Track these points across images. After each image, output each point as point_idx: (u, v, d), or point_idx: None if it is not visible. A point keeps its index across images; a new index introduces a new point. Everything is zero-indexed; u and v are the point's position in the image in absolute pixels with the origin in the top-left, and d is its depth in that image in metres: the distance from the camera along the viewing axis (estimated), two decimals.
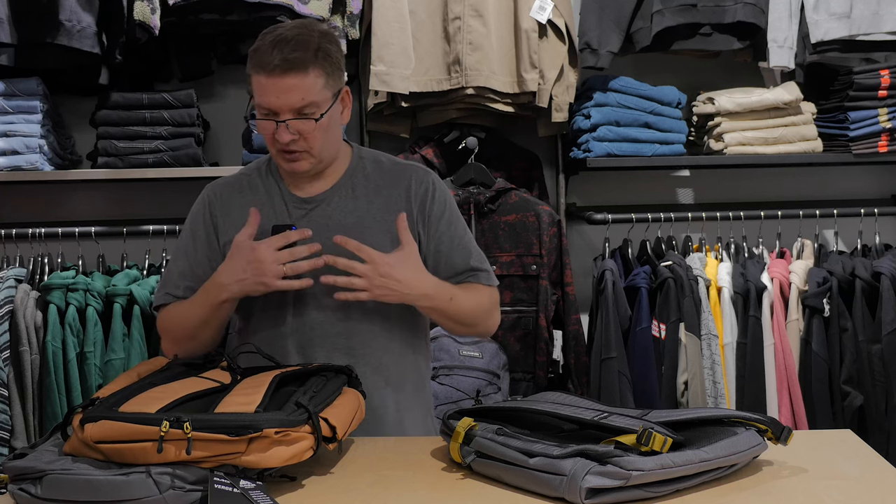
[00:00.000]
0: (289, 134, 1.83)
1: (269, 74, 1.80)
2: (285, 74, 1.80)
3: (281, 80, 1.80)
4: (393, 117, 3.18)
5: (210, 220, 1.99)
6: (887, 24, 3.06)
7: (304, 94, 1.81)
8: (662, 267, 2.94)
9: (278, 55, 1.79)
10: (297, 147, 1.86)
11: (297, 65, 1.80)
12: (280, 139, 1.83)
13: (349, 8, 3.00)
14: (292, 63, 1.79)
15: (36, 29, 2.72)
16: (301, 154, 1.87)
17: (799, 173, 3.43)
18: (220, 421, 1.44)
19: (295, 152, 1.87)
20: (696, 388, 2.87)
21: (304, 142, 1.85)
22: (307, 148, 1.87)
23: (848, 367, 2.91)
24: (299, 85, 1.81)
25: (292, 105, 1.82)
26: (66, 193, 3.21)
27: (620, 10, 3.06)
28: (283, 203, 1.97)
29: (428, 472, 1.61)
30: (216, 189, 2.03)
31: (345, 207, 1.96)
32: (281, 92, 1.81)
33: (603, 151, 3.04)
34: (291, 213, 1.95)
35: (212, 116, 3.20)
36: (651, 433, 1.42)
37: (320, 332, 1.93)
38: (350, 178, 1.98)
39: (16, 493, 1.44)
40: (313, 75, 1.82)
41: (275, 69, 1.79)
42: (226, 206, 1.99)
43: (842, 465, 1.63)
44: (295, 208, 1.96)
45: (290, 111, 1.82)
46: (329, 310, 1.93)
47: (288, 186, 1.98)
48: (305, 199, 1.96)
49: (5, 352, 2.67)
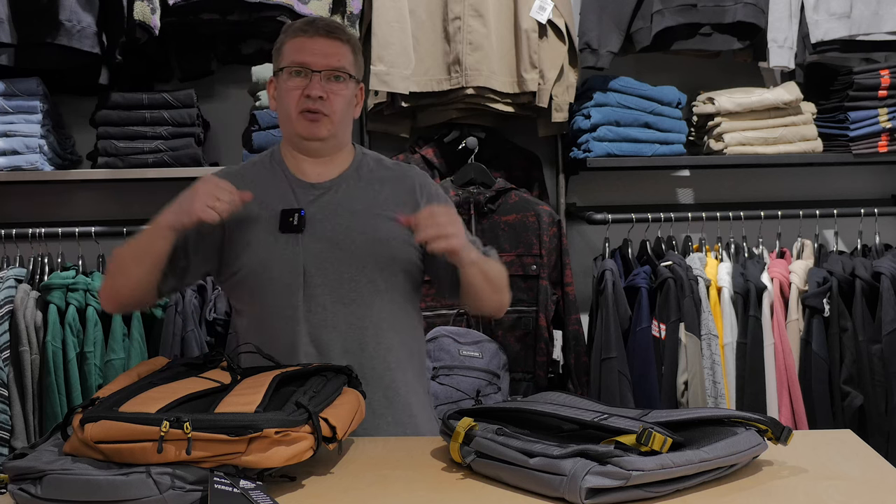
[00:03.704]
0: (321, 88, 1.92)
1: (311, 35, 1.96)
2: (326, 36, 1.96)
3: (322, 41, 1.95)
4: (393, 117, 3.18)
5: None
6: (887, 24, 3.06)
7: (340, 58, 1.96)
8: (662, 267, 2.94)
9: (321, 24, 1.95)
10: (322, 108, 1.94)
11: (338, 32, 1.98)
12: (312, 92, 1.92)
13: (349, 8, 3.01)
14: (333, 30, 1.97)
15: (36, 29, 2.72)
16: (321, 116, 1.95)
17: (799, 173, 3.43)
18: (220, 421, 1.44)
19: (318, 112, 1.94)
20: (696, 388, 2.87)
21: (329, 104, 1.94)
22: (330, 112, 1.95)
23: (848, 367, 2.91)
24: (338, 48, 1.96)
25: (329, 64, 1.95)
26: (66, 193, 3.21)
27: (620, 10, 3.06)
28: (289, 188, 2.00)
29: (428, 472, 1.61)
30: (221, 176, 2.01)
31: (353, 194, 2.00)
32: (322, 51, 1.94)
33: (603, 151, 3.04)
34: (299, 197, 1.99)
35: (212, 116, 3.20)
36: (651, 433, 1.42)
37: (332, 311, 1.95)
38: (356, 170, 2.04)
39: (16, 493, 1.44)
40: (348, 47, 1.98)
41: (317, 31, 1.95)
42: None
43: (842, 465, 1.63)
44: (303, 193, 1.99)
45: (324, 68, 1.94)
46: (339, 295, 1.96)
47: (294, 173, 2.02)
48: (314, 184, 2.01)
49: (5, 352, 2.67)
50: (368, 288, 1.97)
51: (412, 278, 2.05)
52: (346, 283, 1.96)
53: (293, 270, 1.95)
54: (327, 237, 1.96)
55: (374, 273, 1.97)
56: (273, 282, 1.95)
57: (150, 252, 1.90)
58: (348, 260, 1.96)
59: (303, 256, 1.95)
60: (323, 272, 1.95)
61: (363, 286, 1.96)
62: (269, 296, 1.96)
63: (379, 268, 1.97)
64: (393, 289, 1.99)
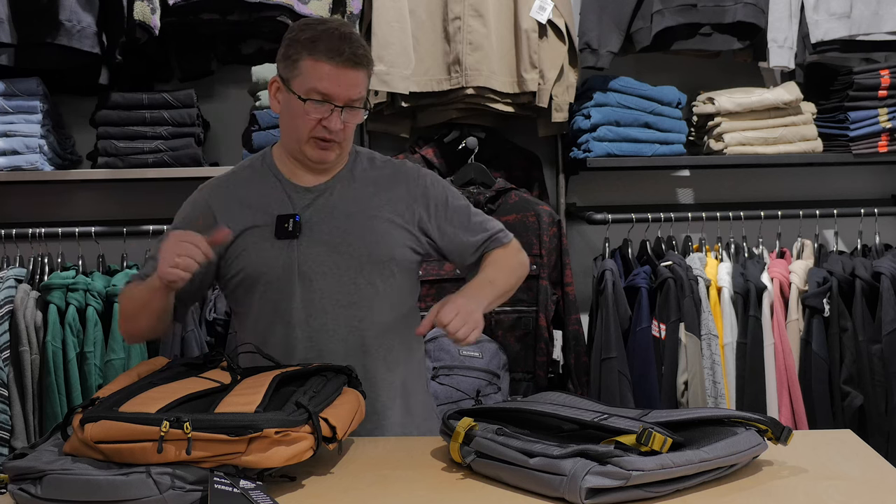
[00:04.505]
0: (339, 121, 1.91)
1: (337, 65, 1.88)
2: (353, 67, 1.90)
3: (348, 72, 1.89)
4: (393, 117, 3.18)
5: (204, 222, 1.98)
6: (887, 24, 3.06)
7: (360, 89, 1.93)
8: (662, 267, 2.94)
9: (347, 49, 1.88)
10: (335, 137, 1.92)
11: (362, 61, 1.92)
12: (331, 126, 1.91)
13: (349, 8, 3.00)
14: (359, 59, 1.90)
15: (36, 29, 2.72)
16: (334, 144, 1.94)
17: (799, 173, 3.43)
18: (220, 421, 1.44)
19: (331, 141, 1.93)
20: (696, 388, 2.87)
21: (343, 133, 1.93)
22: (342, 139, 1.94)
23: (848, 367, 2.91)
24: (360, 80, 1.92)
25: (351, 96, 1.91)
26: (66, 193, 3.21)
27: (620, 10, 3.06)
28: (283, 193, 1.99)
29: (428, 472, 1.61)
30: (212, 189, 2.04)
31: (348, 196, 2.00)
32: (346, 83, 1.90)
33: (603, 151, 3.04)
34: (294, 201, 1.98)
35: (212, 116, 3.20)
36: (651, 433, 1.42)
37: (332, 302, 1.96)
38: (350, 171, 2.03)
39: (16, 493, 1.44)
40: (366, 73, 1.94)
41: (345, 61, 1.88)
42: (224, 204, 2.00)
43: (842, 465, 1.63)
44: (297, 198, 1.98)
45: (345, 101, 1.90)
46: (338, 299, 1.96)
47: (289, 178, 2.01)
48: (308, 188, 1.99)
49: (5, 352, 2.67)
50: (368, 290, 1.96)
51: (410, 278, 2.05)
52: (346, 286, 1.95)
53: (289, 276, 1.94)
54: (324, 241, 1.95)
55: (373, 275, 1.97)
56: (270, 287, 1.94)
57: (152, 306, 1.91)
58: (346, 263, 1.95)
59: (300, 261, 1.94)
60: (322, 276, 1.95)
61: (363, 288, 1.96)
62: (267, 301, 1.96)
63: (377, 269, 1.97)
64: (392, 290, 1.99)
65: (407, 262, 2.02)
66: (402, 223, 2.00)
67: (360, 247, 1.96)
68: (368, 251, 1.96)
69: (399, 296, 2.02)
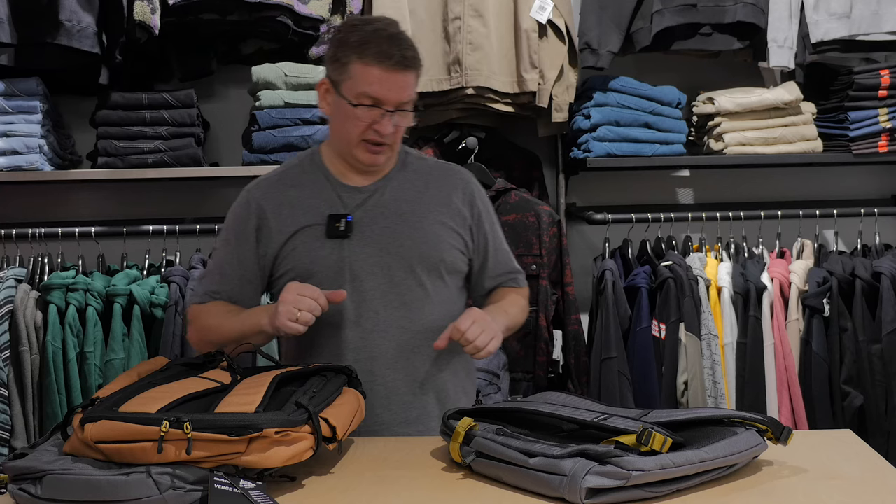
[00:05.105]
0: (391, 125, 1.90)
1: (387, 68, 1.87)
2: (404, 71, 1.89)
3: (399, 76, 1.88)
4: None
5: (257, 223, 2.00)
6: (887, 24, 3.06)
7: (410, 91, 1.92)
8: (662, 267, 2.94)
9: (398, 52, 1.87)
10: (386, 140, 1.92)
11: (413, 63, 1.91)
12: (383, 129, 1.90)
13: (349, 8, 3.01)
14: (410, 62, 1.90)
15: (36, 29, 2.72)
16: (385, 147, 1.94)
17: (799, 173, 3.43)
18: (220, 421, 1.44)
19: (382, 144, 1.93)
20: (696, 388, 2.87)
21: (393, 136, 1.93)
22: (393, 141, 1.94)
23: (848, 367, 2.91)
24: (410, 82, 1.91)
25: (401, 100, 1.90)
26: (66, 193, 3.21)
27: (620, 10, 3.06)
28: (334, 193, 1.99)
29: (428, 472, 1.61)
30: (261, 190, 2.04)
31: (399, 197, 2.00)
32: (396, 86, 1.88)
33: (603, 151, 3.04)
34: (345, 202, 1.98)
35: (212, 116, 3.20)
36: (651, 433, 1.42)
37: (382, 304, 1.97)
38: (400, 172, 2.03)
39: (16, 493, 1.44)
40: (416, 74, 1.93)
41: (396, 65, 1.87)
42: (275, 204, 2.00)
43: (842, 465, 1.63)
44: (348, 198, 1.99)
45: (396, 105, 1.89)
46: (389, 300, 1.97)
47: (339, 178, 2.01)
48: (359, 188, 2.00)
49: (5, 352, 2.67)
50: (418, 291, 1.97)
51: (458, 282, 2.06)
52: (396, 287, 1.96)
53: (339, 276, 1.95)
54: (375, 241, 1.96)
55: (423, 276, 1.98)
56: (319, 286, 1.91)
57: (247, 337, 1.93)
58: (397, 263, 1.96)
59: (350, 261, 1.95)
60: (372, 276, 1.95)
61: (413, 289, 1.97)
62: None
63: (427, 270, 1.98)
64: (441, 291, 2.00)
65: (456, 264, 2.03)
66: (452, 225, 2.01)
67: (411, 247, 1.97)
68: (419, 252, 1.97)
69: (448, 298, 2.02)
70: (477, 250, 2.07)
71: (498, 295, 2.11)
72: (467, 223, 2.04)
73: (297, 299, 1.81)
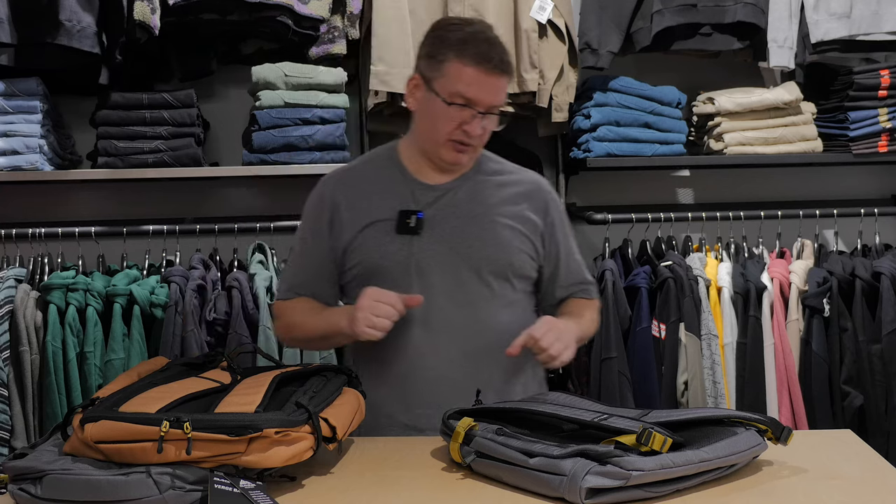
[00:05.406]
0: (480, 127, 1.91)
1: (484, 70, 1.88)
2: (500, 75, 1.90)
3: (495, 79, 1.90)
4: (393, 117, 3.18)
5: (330, 216, 2.01)
6: (887, 24, 3.06)
7: (502, 96, 1.95)
8: (662, 267, 2.94)
9: (497, 55, 1.89)
10: (473, 142, 1.93)
11: (508, 69, 1.93)
12: (472, 131, 1.91)
13: (349, 8, 3.00)
14: (505, 66, 1.92)
15: (36, 29, 2.72)
16: (470, 148, 1.95)
17: (799, 173, 3.43)
18: (220, 421, 1.44)
19: (469, 145, 1.94)
20: (696, 388, 2.87)
21: (481, 137, 1.95)
22: (479, 143, 1.96)
23: (848, 367, 2.91)
24: (504, 86, 1.94)
25: (493, 103, 1.92)
26: (66, 193, 3.21)
27: (620, 10, 3.06)
28: (408, 190, 2.00)
29: (428, 472, 1.61)
30: (336, 183, 2.05)
31: (473, 198, 2.01)
32: (491, 89, 1.91)
33: (603, 151, 3.04)
34: (418, 198, 1.99)
35: (212, 116, 3.20)
36: (651, 433, 1.42)
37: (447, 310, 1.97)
38: (476, 173, 2.04)
39: (16, 493, 1.44)
40: (509, 79, 1.95)
41: (493, 68, 1.89)
42: (348, 198, 2.01)
43: (842, 465, 1.63)
44: (422, 195, 1.99)
45: (487, 107, 1.91)
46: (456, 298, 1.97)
47: (415, 175, 2.01)
48: (433, 186, 2.01)
49: (5, 352, 2.67)
50: (485, 292, 1.97)
51: (527, 285, 2.06)
52: (463, 286, 1.96)
53: (406, 272, 1.95)
54: (444, 239, 1.96)
55: (489, 278, 1.98)
56: (386, 282, 1.93)
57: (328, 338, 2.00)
58: (465, 263, 1.96)
59: (418, 258, 1.95)
60: (439, 274, 1.95)
61: (480, 290, 1.97)
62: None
63: (493, 273, 1.98)
64: (508, 294, 2.00)
65: (524, 268, 2.02)
66: (523, 230, 2.01)
67: (479, 248, 1.97)
68: (486, 254, 1.97)
69: (516, 302, 2.02)
70: (548, 258, 2.06)
71: (569, 306, 2.11)
72: (539, 230, 2.04)
73: (373, 305, 1.82)
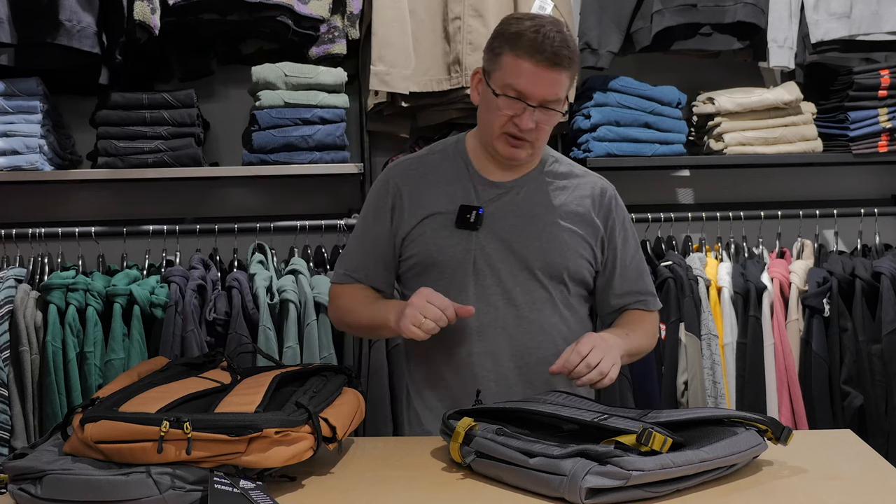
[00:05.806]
0: (532, 121, 1.88)
1: (536, 63, 1.84)
2: (552, 68, 1.85)
3: (546, 72, 1.85)
4: (393, 117, 3.18)
5: (392, 202, 2.01)
6: (887, 24, 3.06)
7: (558, 90, 1.88)
8: (662, 267, 2.94)
9: (550, 48, 1.84)
10: (527, 136, 1.90)
11: (564, 62, 1.86)
12: (522, 124, 1.88)
13: (349, 8, 3.01)
14: (560, 60, 1.85)
15: (36, 29, 2.72)
16: (526, 143, 1.92)
17: (799, 173, 3.43)
18: (220, 421, 1.44)
19: (522, 140, 1.91)
20: (696, 388, 2.87)
21: (535, 132, 1.90)
22: (535, 139, 1.92)
23: (848, 367, 2.91)
24: (559, 80, 1.87)
25: (546, 97, 1.87)
26: (66, 193, 3.21)
27: (620, 10, 3.06)
28: (471, 185, 1.99)
29: (428, 472, 1.61)
30: (401, 170, 2.05)
31: (535, 198, 1.99)
32: (543, 82, 1.86)
33: (603, 151, 3.04)
34: (480, 194, 1.98)
35: (212, 116, 3.20)
36: (651, 433, 1.42)
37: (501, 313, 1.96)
38: (540, 173, 2.02)
39: (16, 493, 1.44)
40: (567, 75, 1.89)
41: (545, 60, 1.84)
42: (412, 186, 2.01)
43: (842, 465, 1.63)
44: (484, 191, 1.98)
45: (540, 101, 1.87)
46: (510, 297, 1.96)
47: (479, 170, 2.00)
48: (496, 183, 1.99)
49: (5, 352, 2.67)
50: (540, 293, 1.96)
51: (582, 289, 2.04)
52: (518, 286, 1.95)
53: (463, 266, 1.95)
54: (503, 237, 1.95)
55: (544, 279, 1.97)
56: (442, 276, 1.94)
57: (380, 329, 1.96)
58: (520, 263, 1.95)
59: (475, 254, 1.94)
60: (495, 272, 1.95)
61: (535, 291, 1.96)
62: (439, 288, 1.91)
63: (549, 275, 1.97)
64: (563, 299, 1.99)
65: (580, 273, 2.00)
66: (583, 234, 2.00)
67: (536, 249, 1.96)
68: (543, 256, 1.96)
69: (570, 306, 2.01)
70: (605, 264, 2.04)
71: (623, 318, 2.07)
72: (599, 235, 2.02)
73: (425, 306, 1.80)
